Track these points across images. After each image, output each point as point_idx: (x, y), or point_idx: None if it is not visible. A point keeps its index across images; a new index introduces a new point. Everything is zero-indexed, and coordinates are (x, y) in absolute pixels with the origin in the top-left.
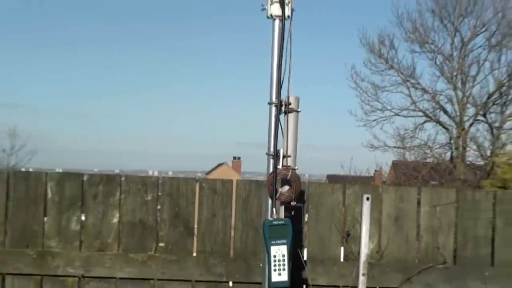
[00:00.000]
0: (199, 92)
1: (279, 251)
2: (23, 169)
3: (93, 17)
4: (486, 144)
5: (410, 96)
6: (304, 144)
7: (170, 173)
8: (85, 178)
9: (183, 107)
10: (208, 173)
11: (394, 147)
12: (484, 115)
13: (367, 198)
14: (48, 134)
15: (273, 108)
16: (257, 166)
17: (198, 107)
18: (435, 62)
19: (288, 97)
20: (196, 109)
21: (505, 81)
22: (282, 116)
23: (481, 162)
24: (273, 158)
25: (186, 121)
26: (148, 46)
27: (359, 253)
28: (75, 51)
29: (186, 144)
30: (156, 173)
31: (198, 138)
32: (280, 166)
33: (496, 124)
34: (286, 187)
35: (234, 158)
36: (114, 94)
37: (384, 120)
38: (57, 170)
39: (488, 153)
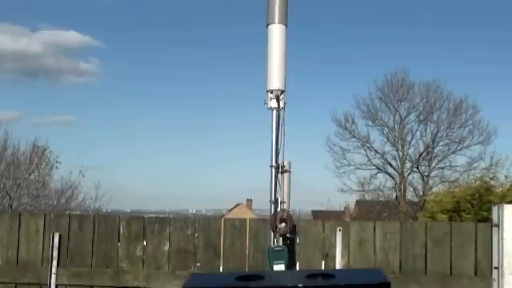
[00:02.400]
0: (225, 155)
1: (279, 268)
2: (104, 210)
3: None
4: (419, 187)
5: (367, 155)
6: (295, 188)
7: (203, 211)
8: (145, 219)
9: (214, 165)
10: (230, 210)
11: (357, 190)
12: (417, 168)
13: (339, 230)
14: (120, 185)
15: (273, 170)
16: (264, 205)
17: (224, 165)
18: (383, 132)
19: (283, 162)
20: (224, 167)
21: (430, 144)
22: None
23: (416, 200)
24: (273, 204)
25: (216, 173)
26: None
27: (334, 268)
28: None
29: (215, 189)
30: (194, 211)
31: (223, 185)
32: (278, 209)
33: (426, 174)
34: (283, 224)
35: (248, 199)
36: (160, 155)
37: (349, 172)
38: (127, 210)
39: (421, 193)
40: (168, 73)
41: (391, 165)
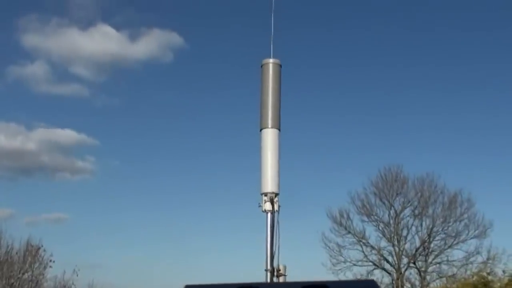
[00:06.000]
0: (220, 254)
1: None
2: None
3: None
4: (417, 283)
5: (363, 251)
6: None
7: None
8: None
9: (209, 262)
10: None
11: None
12: (414, 263)
13: None
14: (115, 282)
15: (268, 273)
16: None
17: (219, 261)
18: (379, 228)
19: (279, 265)
20: (219, 263)
21: (426, 239)
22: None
23: None
24: None
25: (211, 269)
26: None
27: None
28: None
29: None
30: None
31: (219, 281)
32: None
33: (423, 269)
34: None
35: None
36: (155, 251)
37: (346, 269)
38: None
39: None
40: (163, 172)
41: (387, 261)
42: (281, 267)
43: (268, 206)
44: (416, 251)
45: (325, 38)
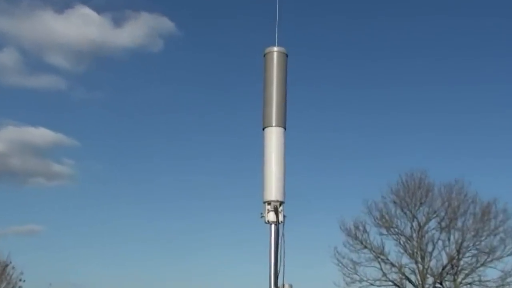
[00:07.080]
0: (219, 270)
1: None
2: None
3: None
4: None
5: (381, 269)
6: None
7: None
8: None
9: (206, 279)
10: None
11: None
12: (441, 283)
13: None
14: None
15: None
16: None
17: (217, 278)
18: (399, 242)
19: (284, 284)
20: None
21: (455, 256)
22: None
23: None
24: None
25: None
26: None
27: None
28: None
29: None
30: None
31: None
32: None
33: None
34: None
35: None
36: (145, 266)
37: None
38: None
39: None
40: (153, 177)
41: (410, 281)
42: (286, 286)
43: (271, 216)
44: (443, 269)
45: (337, 25)
